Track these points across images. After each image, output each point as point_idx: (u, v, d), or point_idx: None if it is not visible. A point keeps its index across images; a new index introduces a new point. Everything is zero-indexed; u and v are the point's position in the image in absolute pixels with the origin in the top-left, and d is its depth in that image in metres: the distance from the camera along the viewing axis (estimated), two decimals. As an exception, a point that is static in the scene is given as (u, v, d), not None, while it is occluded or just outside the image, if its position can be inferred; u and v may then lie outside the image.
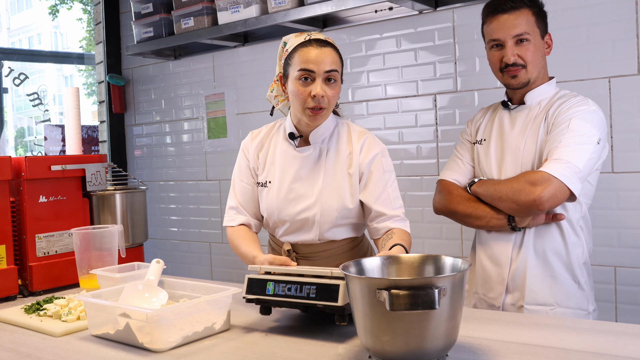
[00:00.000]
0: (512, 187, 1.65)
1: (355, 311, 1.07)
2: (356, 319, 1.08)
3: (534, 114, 1.75)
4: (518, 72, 1.72)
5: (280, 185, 1.73)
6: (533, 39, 1.71)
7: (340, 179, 1.70)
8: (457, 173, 1.86)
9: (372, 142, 1.74)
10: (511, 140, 1.76)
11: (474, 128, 1.90)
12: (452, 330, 1.05)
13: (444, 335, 1.03)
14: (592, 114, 1.67)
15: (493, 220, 1.72)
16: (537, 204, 1.59)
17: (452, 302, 1.02)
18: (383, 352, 1.04)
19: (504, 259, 1.74)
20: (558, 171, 1.58)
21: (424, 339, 1.02)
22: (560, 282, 1.70)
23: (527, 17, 1.70)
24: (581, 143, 1.61)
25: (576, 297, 1.71)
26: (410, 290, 0.97)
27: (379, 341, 1.04)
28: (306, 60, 1.62)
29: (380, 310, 1.00)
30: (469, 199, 1.78)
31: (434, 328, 1.01)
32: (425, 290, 0.97)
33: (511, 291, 1.74)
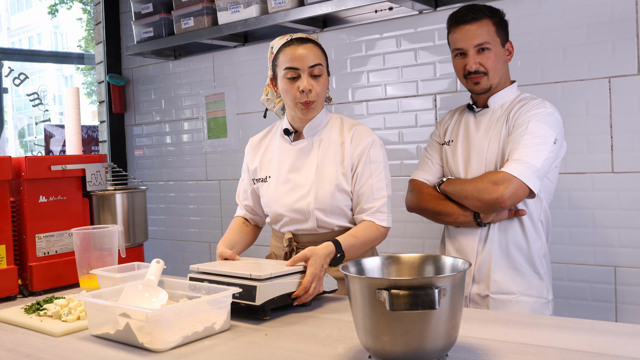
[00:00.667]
0: (476, 187, 1.78)
1: (355, 311, 1.08)
2: (356, 319, 1.09)
3: (496, 117, 1.87)
4: (480, 79, 1.84)
5: (277, 178, 1.83)
6: (494, 48, 1.83)
7: (333, 168, 1.77)
8: (427, 173, 1.99)
9: (362, 133, 1.80)
10: (476, 142, 1.88)
11: (442, 130, 2.02)
12: (452, 330, 1.05)
13: (444, 335, 1.03)
14: (549, 115, 1.79)
15: (460, 217, 1.85)
16: (499, 201, 1.72)
17: (452, 302, 1.02)
18: (383, 352, 1.05)
19: (470, 252, 1.87)
20: (518, 171, 1.71)
21: (424, 339, 1.02)
22: (522, 273, 1.84)
23: (487, 28, 1.83)
24: (539, 144, 1.74)
25: (536, 287, 1.84)
26: (411, 290, 0.97)
27: (379, 341, 1.04)
28: (290, 59, 1.72)
29: (381, 310, 1.00)
30: (438, 197, 1.91)
31: (434, 328, 1.01)
32: (425, 290, 0.98)
33: (477, 282, 1.87)
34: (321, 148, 1.81)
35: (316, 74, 1.73)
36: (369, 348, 1.08)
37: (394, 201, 2.61)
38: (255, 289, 1.42)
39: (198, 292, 1.47)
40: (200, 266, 1.61)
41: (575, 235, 2.20)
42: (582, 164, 2.17)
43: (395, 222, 2.58)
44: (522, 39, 2.27)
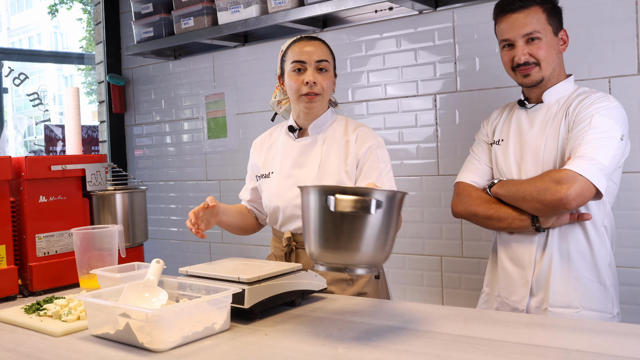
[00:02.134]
0: (536, 187, 1.61)
1: (306, 220, 1.24)
2: (307, 228, 1.24)
3: (553, 112, 1.73)
4: (530, 70, 1.70)
5: (280, 172, 1.86)
6: (545, 37, 1.69)
7: (336, 165, 1.79)
8: (474, 175, 1.84)
9: (367, 133, 1.83)
10: (530, 140, 1.73)
11: (490, 128, 1.88)
12: (384, 244, 1.22)
13: (375, 244, 1.20)
14: (614, 109, 1.64)
15: (516, 222, 1.69)
16: (563, 202, 1.55)
17: (386, 216, 1.20)
18: (325, 253, 1.22)
19: (527, 260, 1.71)
20: (583, 168, 1.55)
21: (360, 242, 1.19)
22: (585, 284, 1.67)
23: (537, 15, 1.69)
24: (605, 139, 1.58)
25: (601, 300, 1.68)
26: (354, 196, 1.17)
27: (325, 243, 1.21)
28: (297, 53, 1.78)
29: (327, 213, 1.19)
30: (489, 200, 1.75)
31: (370, 235, 1.19)
32: (365, 197, 1.17)
33: (535, 294, 1.71)
34: (325, 145, 1.83)
35: (322, 67, 1.78)
36: (313, 252, 1.24)
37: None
38: (244, 293, 1.42)
39: (198, 292, 1.47)
40: (189, 269, 1.61)
41: (575, 235, 2.20)
42: (582, 164, 2.17)
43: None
44: (522, 39, 2.27)
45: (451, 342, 1.23)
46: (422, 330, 1.32)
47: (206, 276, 1.56)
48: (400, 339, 1.27)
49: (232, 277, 1.49)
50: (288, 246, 1.84)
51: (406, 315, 1.44)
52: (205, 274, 1.56)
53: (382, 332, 1.32)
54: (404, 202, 1.27)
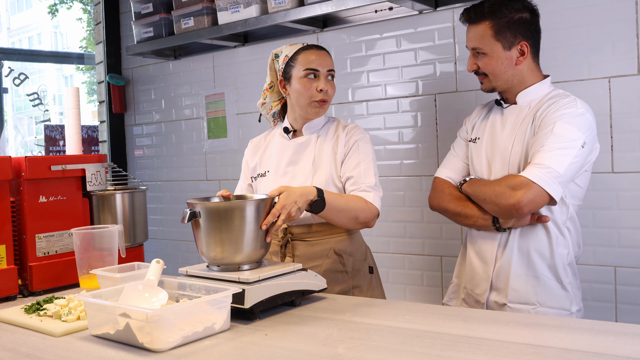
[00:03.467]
0: (494, 190, 1.70)
1: (200, 234, 1.56)
2: (200, 241, 1.57)
3: (523, 115, 1.78)
4: (482, 79, 1.82)
5: (276, 170, 1.95)
6: (490, 52, 1.76)
7: (329, 161, 1.89)
8: (451, 170, 1.91)
9: (355, 130, 1.94)
10: (501, 141, 1.79)
11: (470, 126, 1.95)
12: (245, 246, 1.54)
13: (240, 247, 1.53)
14: (579, 117, 1.67)
15: (480, 220, 1.77)
16: (516, 208, 1.64)
17: (210, 222, 1.54)
18: (215, 254, 1.55)
19: (489, 257, 1.79)
20: (537, 176, 1.62)
21: (226, 243, 1.53)
22: (543, 282, 1.73)
23: (483, 32, 1.76)
24: (564, 147, 1.63)
25: (559, 298, 1.74)
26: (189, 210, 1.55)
27: (211, 249, 1.55)
28: (311, 61, 1.87)
29: (211, 226, 1.54)
30: (459, 197, 1.84)
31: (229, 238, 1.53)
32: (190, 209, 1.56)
33: (495, 289, 1.79)
34: (318, 143, 1.93)
35: (332, 76, 1.91)
36: (204, 254, 1.58)
37: (394, 201, 2.62)
38: (244, 292, 1.43)
39: (198, 292, 1.47)
40: (188, 269, 1.62)
41: (575, 235, 2.20)
42: (582, 164, 2.17)
43: (395, 222, 2.60)
44: (522, 39, 2.27)
45: (451, 342, 1.23)
46: (422, 330, 1.32)
47: (206, 276, 1.56)
48: (400, 339, 1.27)
49: (232, 277, 1.49)
50: (284, 238, 1.89)
51: (406, 315, 1.45)
52: (205, 274, 1.57)
53: (382, 332, 1.32)
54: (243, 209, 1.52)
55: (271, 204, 1.58)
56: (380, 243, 2.66)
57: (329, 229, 1.87)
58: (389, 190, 2.62)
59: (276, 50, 1.99)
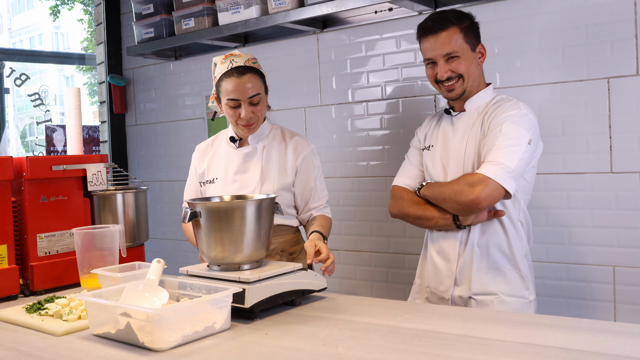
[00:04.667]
0: (453, 189, 1.79)
1: (201, 233, 1.57)
2: (200, 240, 1.58)
3: (472, 120, 1.90)
4: (454, 85, 1.87)
5: (225, 178, 2.02)
6: (463, 54, 1.85)
7: (276, 170, 1.99)
8: (408, 178, 2.02)
9: (302, 143, 2.05)
10: (454, 146, 1.90)
11: (422, 135, 2.06)
12: (245, 246, 1.55)
13: (240, 247, 1.55)
14: (523, 117, 1.80)
15: (441, 221, 1.86)
16: (475, 203, 1.73)
17: (210, 221, 1.55)
18: (215, 254, 1.56)
19: (451, 254, 1.88)
20: (493, 172, 1.72)
21: (224, 243, 1.54)
22: (503, 273, 1.84)
23: (455, 36, 1.84)
24: (512, 145, 1.75)
25: (518, 287, 1.84)
26: (190, 210, 1.55)
27: (212, 249, 1.56)
28: (230, 91, 1.91)
29: (211, 225, 1.55)
30: (418, 202, 1.93)
31: (235, 238, 1.54)
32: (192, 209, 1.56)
33: (459, 284, 1.88)
34: (265, 153, 2.02)
35: (255, 102, 1.93)
36: (207, 255, 1.58)
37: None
38: (245, 292, 1.44)
39: (198, 291, 1.48)
40: (189, 268, 1.63)
41: (574, 235, 2.20)
42: (581, 164, 2.18)
43: (395, 222, 2.60)
44: (521, 40, 2.27)
45: (451, 342, 1.23)
46: (422, 330, 1.32)
47: (207, 276, 1.56)
48: (400, 338, 1.27)
49: (232, 277, 1.50)
50: None
51: (406, 315, 1.45)
52: (206, 274, 1.57)
53: (381, 331, 1.33)
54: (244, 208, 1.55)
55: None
56: (380, 243, 2.67)
57: (273, 231, 1.90)
58: (389, 190, 2.62)
59: (215, 59, 2.03)
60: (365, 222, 2.71)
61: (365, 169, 2.70)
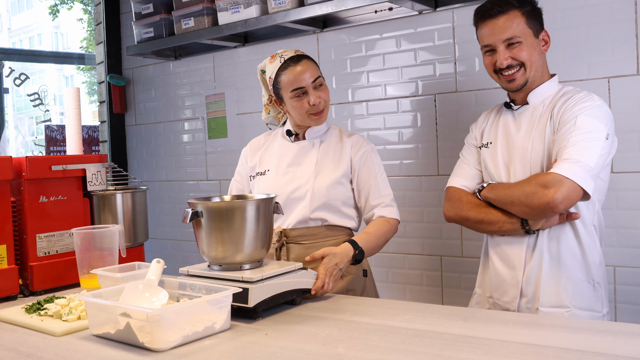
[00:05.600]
0: (523, 191, 1.63)
1: (201, 233, 1.57)
2: (201, 241, 1.58)
3: (538, 114, 1.74)
4: (515, 74, 1.72)
5: (277, 169, 1.96)
6: (525, 40, 1.70)
7: (332, 166, 1.91)
8: (465, 179, 1.85)
9: (361, 140, 1.96)
10: (518, 142, 1.74)
11: (478, 132, 1.90)
12: (246, 246, 1.55)
13: (241, 247, 1.54)
14: (598, 109, 1.64)
15: (506, 225, 1.71)
16: (551, 206, 1.57)
17: (212, 221, 1.55)
18: (216, 253, 1.56)
19: (517, 262, 1.73)
20: (570, 171, 1.56)
21: (225, 243, 1.54)
22: (575, 283, 1.68)
23: (516, 20, 1.70)
24: (590, 140, 1.59)
25: (591, 299, 1.69)
26: (191, 209, 1.55)
27: (213, 249, 1.56)
28: (293, 81, 1.86)
29: (212, 225, 1.55)
30: (479, 204, 1.77)
31: (236, 238, 1.53)
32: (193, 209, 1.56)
33: (525, 294, 1.72)
34: (321, 148, 1.95)
35: (319, 85, 1.88)
36: (208, 255, 1.58)
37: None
38: (248, 291, 1.44)
39: (198, 291, 1.48)
40: (190, 269, 1.63)
41: (575, 235, 2.20)
42: (581, 164, 2.17)
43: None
44: (521, 39, 2.27)
45: (451, 342, 1.23)
46: (422, 330, 1.32)
47: (208, 276, 1.56)
48: (400, 338, 1.27)
49: (235, 277, 1.50)
50: (279, 241, 1.89)
51: (406, 315, 1.45)
52: (207, 274, 1.57)
53: (382, 332, 1.33)
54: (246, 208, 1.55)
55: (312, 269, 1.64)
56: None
57: (323, 232, 1.88)
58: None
59: (260, 65, 2.00)
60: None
61: (365, 168, 2.70)
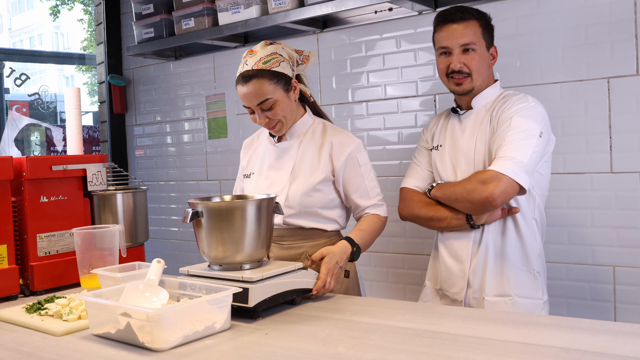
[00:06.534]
0: (465, 188, 1.76)
1: (201, 233, 1.56)
2: (201, 241, 1.57)
3: (480, 117, 1.86)
4: (463, 80, 1.83)
5: (259, 174, 1.96)
6: (479, 49, 1.83)
7: (309, 171, 1.86)
8: (417, 179, 1.97)
9: (344, 140, 1.88)
10: (463, 144, 1.86)
11: (429, 135, 2.01)
12: (246, 246, 1.55)
13: (241, 247, 1.55)
14: (532, 109, 1.76)
15: (453, 221, 1.82)
16: (489, 200, 1.69)
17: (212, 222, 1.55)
18: (216, 253, 1.56)
19: (464, 255, 1.84)
20: (505, 168, 1.68)
21: (224, 242, 1.54)
22: (517, 273, 1.80)
23: (474, 29, 1.82)
24: (523, 138, 1.71)
25: (531, 288, 1.81)
26: (191, 209, 1.56)
27: (213, 249, 1.55)
28: (242, 98, 1.82)
29: (213, 225, 1.55)
30: (429, 203, 1.89)
31: (234, 237, 1.54)
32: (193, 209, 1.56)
33: (472, 285, 1.84)
34: (300, 150, 1.90)
35: (265, 108, 1.80)
36: (208, 255, 1.58)
37: (392, 201, 2.62)
38: (248, 291, 1.44)
39: (199, 291, 1.48)
40: (190, 268, 1.63)
41: (574, 235, 2.21)
42: (580, 164, 2.18)
43: (395, 222, 2.60)
44: (521, 40, 2.27)
45: (450, 342, 1.23)
46: (422, 330, 1.32)
47: (209, 276, 1.56)
48: (400, 338, 1.27)
49: (235, 276, 1.50)
50: None
51: (406, 315, 1.45)
52: (207, 274, 1.57)
53: (381, 331, 1.33)
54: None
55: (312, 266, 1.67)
56: (380, 243, 2.66)
57: (303, 233, 1.88)
58: (388, 190, 2.62)
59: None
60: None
61: (365, 169, 2.70)
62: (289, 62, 1.84)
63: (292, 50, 1.90)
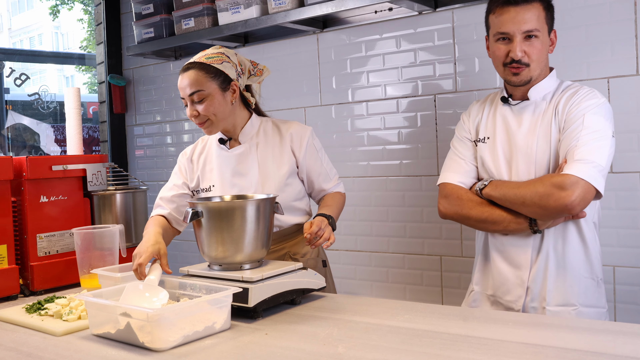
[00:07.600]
0: (537, 192, 1.57)
1: (201, 233, 1.58)
2: (202, 241, 1.58)
3: (541, 110, 1.69)
4: (521, 70, 1.66)
5: (222, 184, 1.89)
6: (541, 36, 1.65)
7: (275, 169, 1.87)
8: (460, 174, 1.77)
9: (299, 129, 1.92)
10: (520, 139, 1.69)
11: (472, 125, 1.82)
12: (246, 246, 1.56)
13: (241, 247, 1.56)
14: (603, 106, 1.63)
15: (512, 225, 1.65)
16: (568, 208, 1.54)
17: (211, 221, 1.56)
18: (217, 253, 1.56)
19: (523, 262, 1.69)
20: (584, 172, 1.53)
21: (225, 241, 1.55)
22: (580, 281, 1.66)
23: (538, 12, 1.64)
24: (599, 139, 1.57)
25: (595, 296, 1.68)
26: (192, 210, 1.56)
27: (213, 249, 1.56)
28: (179, 89, 1.80)
29: (213, 225, 1.56)
30: (481, 203, 1.70)
31: (235, 238, 1.54)
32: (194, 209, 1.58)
33: (532, 293, 1.69)
34: (259, 150, 1.89)
35: (196, 100, 1.77)
36: (208, 255, 1.59)
37: (392, 201, 2.62)
38: (248, 291, 1.44)
39: (199, 291, 1.48)
40: (190, 269, 1.63)
41: (574, 235, 2.20)
42: (581, 164, 2.17)
43: (395, 222, 2.61)
44: (521, 40, 2.27)
45: (450, 342, 1.23)
46: (422, 330, 1.32)
47: (209, 276, 1.56)
48: (400, 338, 1.27)
49: (235, 276, 1.50)
50: None
51: (406, 315, 1.45)
52: (207, 274, 1.57)
53: (381, 331, 1.33)
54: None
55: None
56: (380, 243, 2.66)
57: (282, 235, 1.89)
58: (388, 190, 2.63)
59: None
60: (365, 222, 2.71)
61: (365, 169, 2.70)
62: (235, 66, 1.83)
63: (247, 60, 1.91)
